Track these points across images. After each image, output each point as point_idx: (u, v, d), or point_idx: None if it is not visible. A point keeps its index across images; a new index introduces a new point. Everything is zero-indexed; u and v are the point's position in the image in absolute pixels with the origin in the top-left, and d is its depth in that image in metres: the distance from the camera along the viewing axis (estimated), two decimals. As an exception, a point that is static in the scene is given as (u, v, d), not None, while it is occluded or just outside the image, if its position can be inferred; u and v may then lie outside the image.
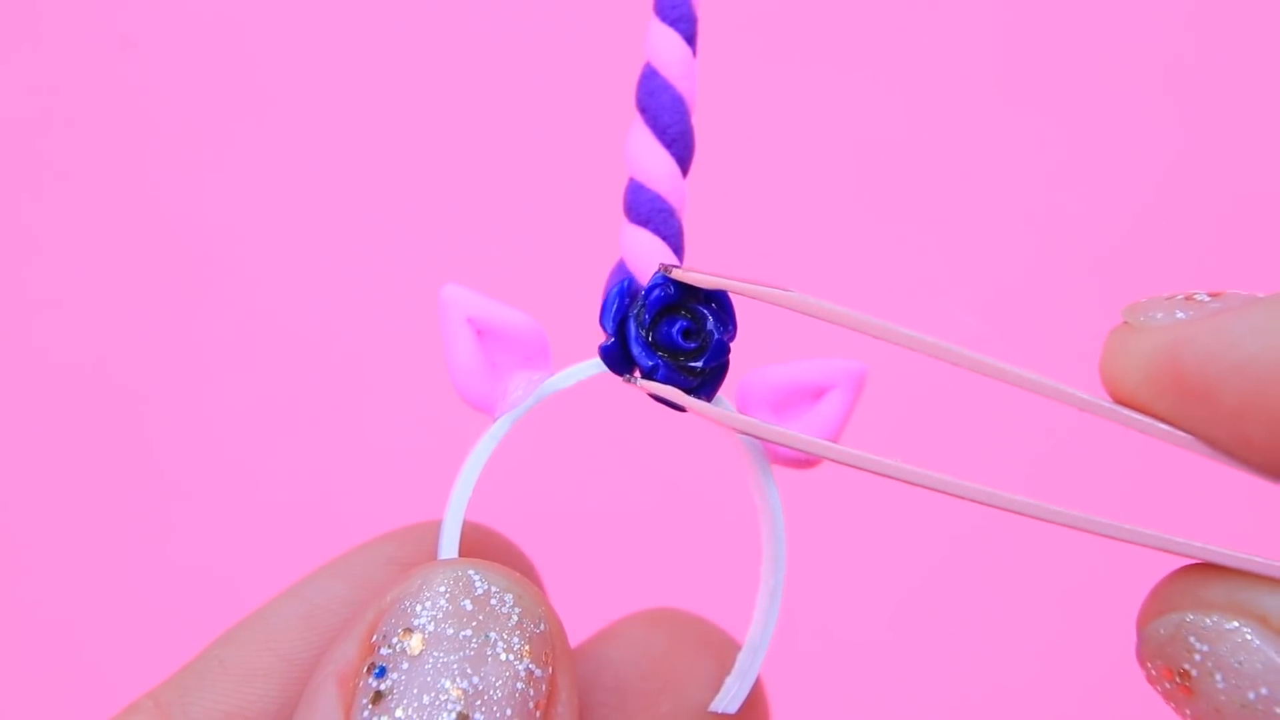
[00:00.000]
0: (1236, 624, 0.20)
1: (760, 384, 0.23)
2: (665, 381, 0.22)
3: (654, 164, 0.23)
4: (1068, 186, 0.54)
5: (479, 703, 0.19)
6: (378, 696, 0.20)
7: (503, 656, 0.20)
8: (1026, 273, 0.53)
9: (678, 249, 0.23)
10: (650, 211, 0.23)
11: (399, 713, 0.19)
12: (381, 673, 0.20)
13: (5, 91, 0.55)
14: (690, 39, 0.23)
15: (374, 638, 0.20)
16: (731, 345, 0.23)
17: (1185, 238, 0.53)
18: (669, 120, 0.23)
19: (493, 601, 0.20)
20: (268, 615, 0.24)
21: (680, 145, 0.23)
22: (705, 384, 0.23)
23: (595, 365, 0.23)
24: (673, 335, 0.22)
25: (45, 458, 0.53)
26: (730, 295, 0.23)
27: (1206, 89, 0.54)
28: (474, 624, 0.20)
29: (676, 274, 0.22)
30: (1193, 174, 0.53)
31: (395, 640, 0.20)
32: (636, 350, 0.23)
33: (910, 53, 0.54)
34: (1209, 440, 0.20)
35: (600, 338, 0.23)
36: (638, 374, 0.23)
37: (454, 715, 0.19)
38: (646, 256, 0.23)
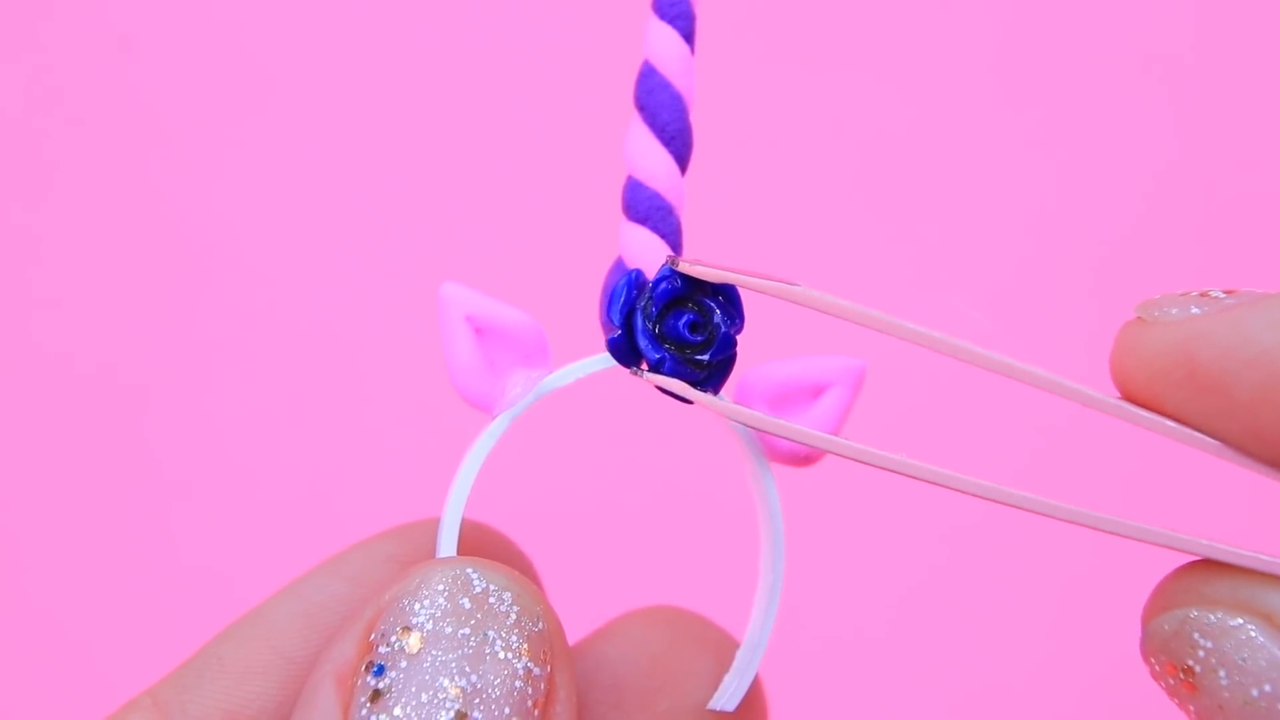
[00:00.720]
0: (1240, 621, 0.20)
1: (760, 381, 0.23)
2: (672, 374, 0.22)
3: (652, 162, 0.23)
4: (1073, 181, 0.54)
5: (477, 701, 0.19)
6: (376, 695, 0.20)
7: (501, 655, 0.20)
8: (1032, 269, 0.53)
9: (676, 247, 0.23)
10: (649, 209, 0.23)
11: (397, 711, 0.19)
12: (380, 671, 0.20)
13: (6, 91, 0.55)
14: (688, 36, 0.23)
15: (372, 636, 0.20)
16: (738, 338, 0.23)
17: (1191, 233, 0.53)
18: (667, 118, 0.23)
19: (491, 600, 0.20)
20: (266, 613, 0.24)
21: (679, 143, 0.23)
22: (712, 377, 0.23)
23: (594, 363, 0.23)
24: (679, 328, 0.22)
25: (45, 457, 0.53)
26: (738, 288, 0.23)
27: (1207, 87, 0.54)
28: (472, 622, 0.20)
29: (683, 267, 0.22)
30: (1197, 168, 0.53)
31: (394, 638, 0.20)
32: (643, 343, 0.23)
33: (911, 48, 0.54)
34: (1221, 435, 0.20)
35: (600, 337, 0.23)
36: (644, 366, 0.23)
37: (452, 713, 0.19)
38: (645, 254, 0.23)
